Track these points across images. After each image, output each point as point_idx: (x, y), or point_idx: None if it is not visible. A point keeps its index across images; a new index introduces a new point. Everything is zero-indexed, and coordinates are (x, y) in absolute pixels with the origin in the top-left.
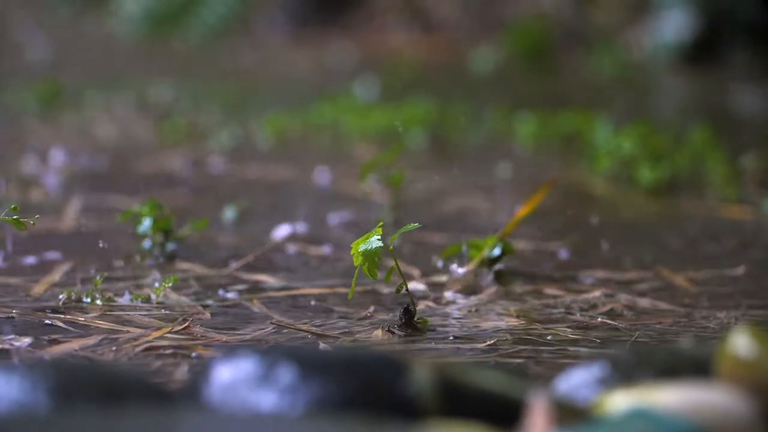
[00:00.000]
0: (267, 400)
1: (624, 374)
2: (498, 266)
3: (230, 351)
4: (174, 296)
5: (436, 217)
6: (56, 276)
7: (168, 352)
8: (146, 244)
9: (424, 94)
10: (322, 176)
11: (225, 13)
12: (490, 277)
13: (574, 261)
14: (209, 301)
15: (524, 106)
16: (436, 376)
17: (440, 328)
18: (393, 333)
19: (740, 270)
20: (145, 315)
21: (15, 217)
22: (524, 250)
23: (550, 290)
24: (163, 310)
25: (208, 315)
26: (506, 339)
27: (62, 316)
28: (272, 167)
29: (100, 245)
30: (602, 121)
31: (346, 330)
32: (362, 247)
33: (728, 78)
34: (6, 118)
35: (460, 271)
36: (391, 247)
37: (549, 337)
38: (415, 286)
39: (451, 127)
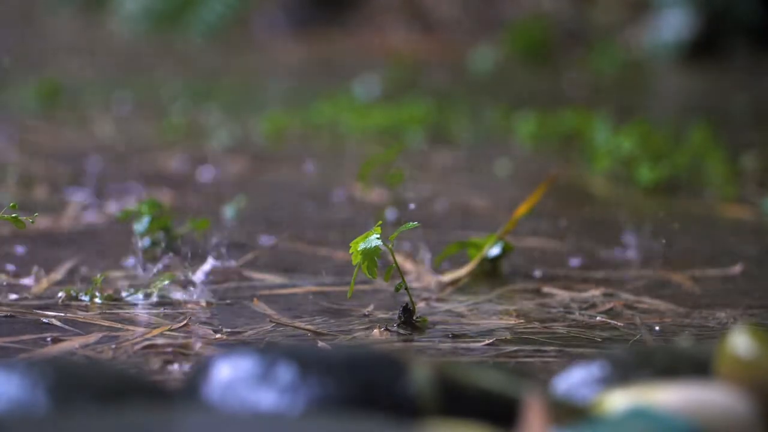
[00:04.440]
0: (266, 399)
1: (623, 373)
2: (497, 265)
3: (229, 349)
4: (173, 294)
5: (436, 216)
6: (57, 275)
7: (167, 350)
8: (145, 242)
9: (423, 93)
10: (321, 175)
11: (224, 12)
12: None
13: (574, 260)
14: (208, 300)
15: (524, 106)
16: (435, 375)
17: (440, 327)
18: (392, 332)
19: (739, 269)
20: (144, 313)
21: (14, 215)
22: (523, 248)
23: (549, 289)
24: (162, 309)
25: (208, 313)
26: (505, 338)
27: (62, 314)
28: (271, 166)
29: (100, 244)
30: (602, 120)
31: (346, 329)
32: (361, 246)
33: (727, 77)
34: (6, 117)
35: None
36: (390, 245)
37: (548, 336)
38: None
39: (451, 127)
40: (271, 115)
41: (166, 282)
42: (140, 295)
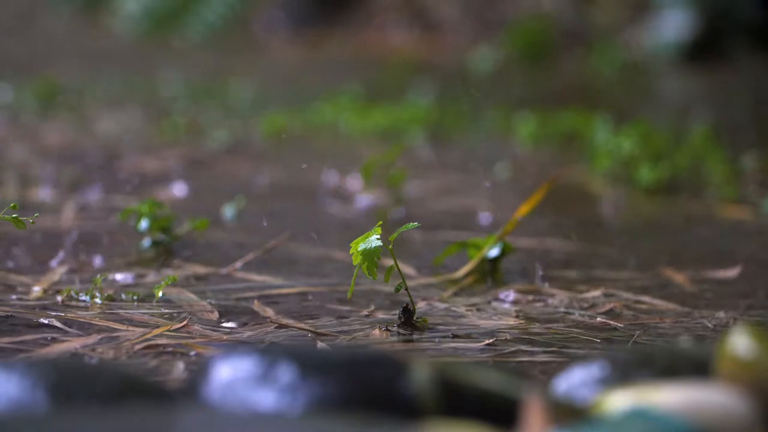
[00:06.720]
0: (266, 399)
1: (623, 374)
2: (497, 265)
3: (229, 350)
4: (173, 295)
5: (436, 216)
6: (56, 275)
7: (167, 350)
8: (146, 242)
9: (423, 93)
10: (321, 175)
11: (225, 12)
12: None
13: (574, 260)
14: (209, 299)
15: (524, 106)
16: (435, 375)
17: (440, 327)
18: (392, 332)
19: (739, 270)
20: (144, 313)
21: (14, 215)
22: (524, 249)
23: (549, 289)
24: (162, 309)
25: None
26: (506, 338)
27: (62, 314)
28: (271, 166)
29: (101, 244)
30: (602, 120)
31: (346, 329)
32: (361, 246)
33: (728, 77)
34: (5, 116)
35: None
36: (390, 246)
37: (548, 337)
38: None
39: (451, 127)
40: (271, 115)
41: (168, 283)
42: (140, 296)
